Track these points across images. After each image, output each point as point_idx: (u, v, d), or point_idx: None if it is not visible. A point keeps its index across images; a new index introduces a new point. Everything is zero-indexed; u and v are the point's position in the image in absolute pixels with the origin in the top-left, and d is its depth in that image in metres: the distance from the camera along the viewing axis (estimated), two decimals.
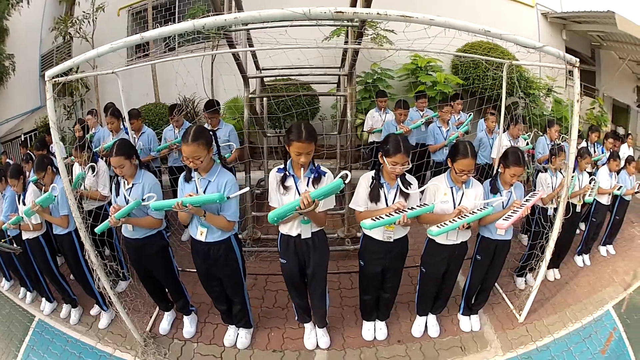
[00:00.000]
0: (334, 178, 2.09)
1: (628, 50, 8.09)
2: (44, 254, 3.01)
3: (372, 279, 2.72)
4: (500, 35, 2.09)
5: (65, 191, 2.38)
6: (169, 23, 3.35)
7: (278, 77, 4.90)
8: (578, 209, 3.94)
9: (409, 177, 2.45)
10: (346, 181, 2.04)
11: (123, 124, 3.81)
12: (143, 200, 2.41)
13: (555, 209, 3.59)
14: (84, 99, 7.22)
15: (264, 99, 4.72)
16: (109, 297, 2.52)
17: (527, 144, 4.42)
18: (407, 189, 2.37)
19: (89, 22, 6.74)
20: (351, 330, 3.04)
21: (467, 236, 2.69)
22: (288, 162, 2.27)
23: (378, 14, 1.90)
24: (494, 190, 2.70)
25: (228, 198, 2.22)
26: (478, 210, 2.45)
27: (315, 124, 6.09)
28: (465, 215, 2.40)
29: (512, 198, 2.73)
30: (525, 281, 3.90)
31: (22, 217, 2.82)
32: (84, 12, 6.87)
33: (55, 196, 2.76)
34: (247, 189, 2.39)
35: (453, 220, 2.35)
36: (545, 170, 3.67)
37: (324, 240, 2.46)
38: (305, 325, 2.88)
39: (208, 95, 6.35)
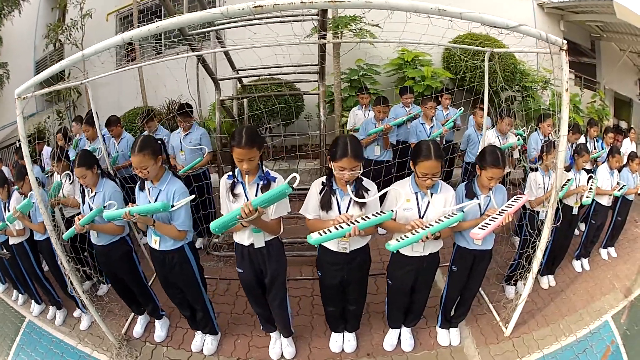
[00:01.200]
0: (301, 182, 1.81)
1: (629, 41, 7.32)
2: (28, 258, 3.04)
3: (332, 290, 2.41)
4: (460, 14, 1.72)
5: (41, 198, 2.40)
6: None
7: (257, 77, 4.56)
8: (575, 211, 3.41)
9: (366, 182, 2.10)
10: (294, 185, 1.79)
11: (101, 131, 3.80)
12: (105, 207, 2.35)
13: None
14: (76, 105, 7.09)
15: (245, 99, 4.52)
16: (82, 300, 2.51)
17: (519, 139, 3.88)
18: (364, 196, 2.00)
19: (77, 28, 6.56)
20: (319, 340, 2.78)
21: (437, 247, 2.30)
22: (237, 169, 2.05)
23: (302, 2, 1.59)
24: (470, 194, 2.28)
25: (173, 207, 2.11)
26: (446, 217, 2.03)
27: (300, 123, 5.74)
28: (428, 225, 1.99)
29: (492, 204, 2.30)
30: (515, 290, 3.43)
31: (7, 224, 2.85)
32: (71, 19, 6.68)
33: (33, 203, 2.74)
34: (192, 196, 2.21)
35: (414, 232, 1.96)
36: (536, 169, 3.16)
37: (279, 249, 2.25)
38: (271, 334, 2.69)
39: (194, 98, 6.09)
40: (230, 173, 2.09)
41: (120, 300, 2.86)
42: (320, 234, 1.91)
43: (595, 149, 4.68)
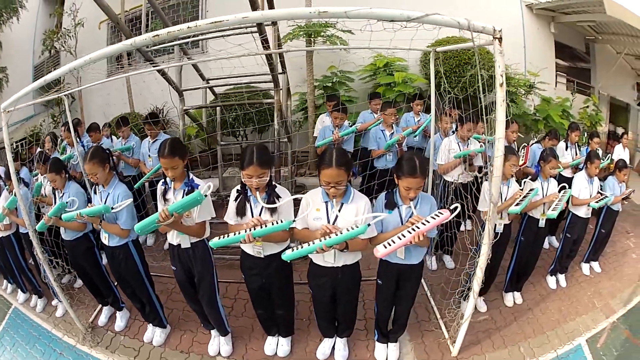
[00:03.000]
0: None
1: (625, 43, 6.46)
2: (14, 249, 3.25)
3: (256, 294, 2.27)
4: (345, 12, 1.38)
5: (23, 197, 2.66)
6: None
7: (225, 86, 4.41)
8: (541, 223, 2.89)
9: (280, 189, 2.00)
10: (207, 193, 1.89)
11: (80, 137, 3.99)
12: (66, 204, 2.54)
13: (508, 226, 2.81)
14: (70, 109, 7.15)
15: (217, 108, 4.47)
16: (54, 289, 2.72)
17: (482, 146, 3.31)
18: (276, 202, 1.91)
19: (70, 36, 6.63)
20: (256, 342, 2.65)
21: (352, 259, 2.03)
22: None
23: (188, 27, 1.51)
24: (390, 205, 1.95)
25: (113, 209, 2.27)
26: (352, 228, 1.75)
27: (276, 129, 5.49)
28: (339, 232, 1.76)
29: (415, 215, 1.92)
30: (475, 306, 3.16)
31: None
32: (64, 28, 6.75)
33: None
34: (129, 200, 2.31)
35: (317, 240, 1.80)
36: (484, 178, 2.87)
37: (204, 250, 2.24)
38: (211, 331, 2.64)
39: (176, 105, 6.03)
40: (164, 180, 2.16)
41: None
42: (219, 237, 1.88)
43: (577, 154, 4.23)
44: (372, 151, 3.61)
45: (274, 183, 2.01)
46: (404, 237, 1.76)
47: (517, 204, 2.51)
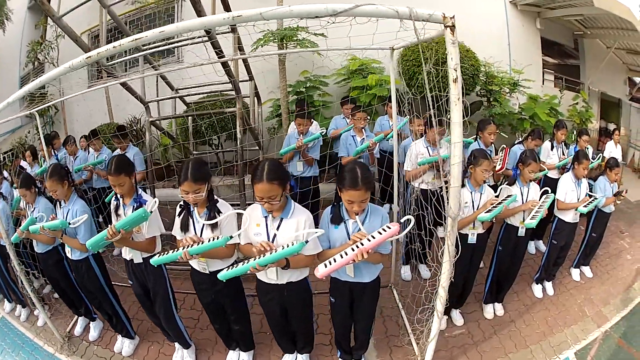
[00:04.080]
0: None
1: (615, 36, 6.03)
2: None
3: (209, 309, 2.18)
4: (261, 14, 1.21)
5: (2, 210, 2.82)
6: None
7: (198, 95, 4.28)
8: (521, 232, 2.56)
9: (221, 204, 1.89)
10: (152, 209, 1.88)
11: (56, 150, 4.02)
12: (36, 219, 2.53)
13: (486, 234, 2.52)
14: (54, 120, 7.02)
15: (189, 118, 4.40)
16: (31, 299, 2.78)
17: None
18: (216, 217, 1.81)
19: (52, 48, 6.53)
20: (220, 355, 2.54)
21: (297, 276, 1.86)
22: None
23: (114, 47, 1.47)
24: (336, 219, 1.74)
25: (70, 224, 2.26)
26: (290, 244, 1.58)
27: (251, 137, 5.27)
28: (266, 254, 1.61)
29: (363, 229, 1.71)
30: (450, 319, 2.72)
31: None
32: (46, 40, 6.63)
33: None
34: (85, 216, 2.29)
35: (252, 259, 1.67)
36: (462, 185, 2.59)
37: (156, 266, 2.07)
38: (175, 344, 2.57)
39: (154, 115, 5.95)
40: (116, 196, 2.15)
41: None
42: (158, 255, 1.86)
43: (564, 155, 3.94)
44: (341, 158, 3.36)
45: (215, 197, 1.91)
46: (347, 255, 1.53)
47: (488, 211, 2.24)
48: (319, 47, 4.01)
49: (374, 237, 1.56)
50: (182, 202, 1.94)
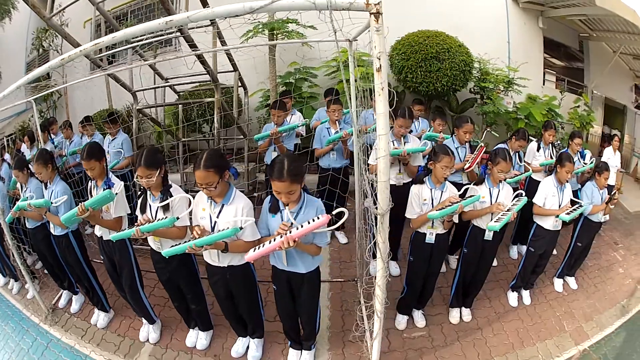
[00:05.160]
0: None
1: (620, 40, 5.61)
2: None
3: (167, 287, 2.32)
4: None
5: None
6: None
7: (187, 84, 4.36)
8: (488, 235, 2.38)
9: (174, 188, 2.04)
10: (117, 191, 2.12)
11: (51, 135, 4.20)
12: (27, 198, 2.69)
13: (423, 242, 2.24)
14: (57, 105, 7.12)
15: (180, 106, 4.49)
16: (21, 272, 2.99)
17: (425, 144, 2.86)
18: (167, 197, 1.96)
19: (56, 36, 6.60)
20: (182, 333, 2.62)
21: (238, 260, 1.95)
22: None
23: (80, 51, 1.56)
24: (274, 209, 1.82)
25: (52, 203, 2.46)
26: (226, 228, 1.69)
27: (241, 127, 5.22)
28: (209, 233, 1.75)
29: (297, 219, 1.77)
30: (412, 319, 2.59)
31: None
32: (47, 28, 6.70)
33: None
34: (65, 197, 2.50)
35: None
36: (421, 182, 2.24)
37: (122, 242, 2.34)
38: (142, 318, 2.69)
39: (148, 102, 5.94)
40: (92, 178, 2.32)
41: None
42: (118, 232, 2.06)
43: (552, 157, 3.64)
44: (315, 150, 3.21)
45: (170, 183, 2.05)
46: (275, 242, 1.59)
47: (440, 209, 2.04)
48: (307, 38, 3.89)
49: (302, 227, 1.58)
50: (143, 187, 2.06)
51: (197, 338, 2.53)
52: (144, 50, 3.97)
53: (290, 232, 1.57)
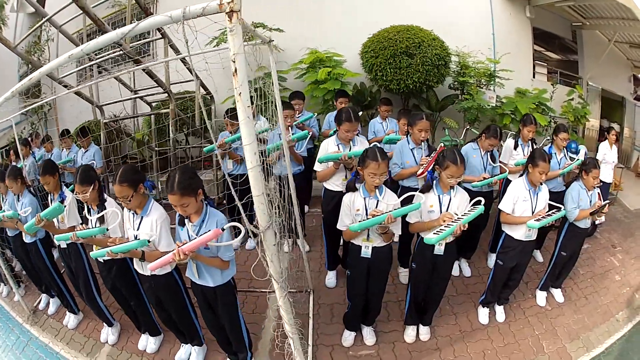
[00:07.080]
0: None
1: (615, 27, 4.97)
2: None
3: (113, 294, 2.46)
4: None
5: None
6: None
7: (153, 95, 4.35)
8: (438, 250, 2.05)
9: (109, 202, 2.19)
10: (66, 204, 2.34)
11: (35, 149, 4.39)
12: (3, 211, 2.91)
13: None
14: (48, 117, 7.21)
15: (152, 117, 4.61)
16: (5, 277, 3.24)
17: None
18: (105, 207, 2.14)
19: (42, 50, 6.66)
20: (138, 337, 2.70)
21: (160, 270, 1.96)
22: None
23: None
24: (181, 222, 1.85)
25: (19, 214, 2.63)
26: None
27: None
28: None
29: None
30: (361, 336, 2.35)
31: None
32: (35, 42, 6.77)
33: None
34: (29, 208, 2.66)
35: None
36: (354, 189, 1.97)
37: (76, 249, 2.50)
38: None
39: (129, 112, 5.94)
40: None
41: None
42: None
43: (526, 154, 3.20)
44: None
45: (105, 197, 2.20)
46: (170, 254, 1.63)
47: (360, 221, 1.73)
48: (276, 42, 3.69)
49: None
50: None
51: (147, 342, 2.62)
52: (111, 65, 4.12)
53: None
